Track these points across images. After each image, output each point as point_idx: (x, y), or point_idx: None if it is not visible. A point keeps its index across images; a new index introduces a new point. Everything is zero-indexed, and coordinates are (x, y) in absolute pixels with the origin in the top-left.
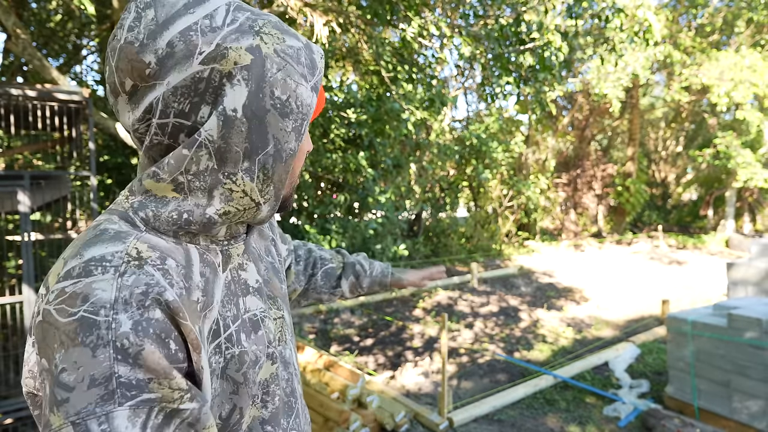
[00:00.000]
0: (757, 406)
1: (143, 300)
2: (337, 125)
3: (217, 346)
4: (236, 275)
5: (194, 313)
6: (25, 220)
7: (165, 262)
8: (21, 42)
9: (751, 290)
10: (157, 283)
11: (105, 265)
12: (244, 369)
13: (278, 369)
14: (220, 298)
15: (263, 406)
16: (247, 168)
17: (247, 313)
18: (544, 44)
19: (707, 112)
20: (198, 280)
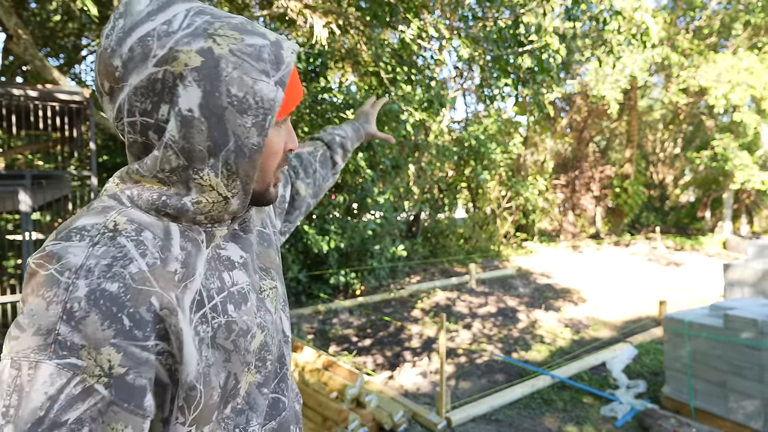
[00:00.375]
0: (752, 406)
1: (105, 271)
2: None
3: (202, 315)
4: (216, 253)
5: (170, 282)
6: (26, 219)
7: (141, 233)
8: (22, 42)
9: (747, 291)
10: (124, 255)
11: (83, 234)
12: (233, 337)
13: (267, 336)
14: (202, 272)
15: (257, 372)
16: (212, 164)
17: (234, 286)
18: (542, 46)
19: (705, 114)
20: (177, 252)
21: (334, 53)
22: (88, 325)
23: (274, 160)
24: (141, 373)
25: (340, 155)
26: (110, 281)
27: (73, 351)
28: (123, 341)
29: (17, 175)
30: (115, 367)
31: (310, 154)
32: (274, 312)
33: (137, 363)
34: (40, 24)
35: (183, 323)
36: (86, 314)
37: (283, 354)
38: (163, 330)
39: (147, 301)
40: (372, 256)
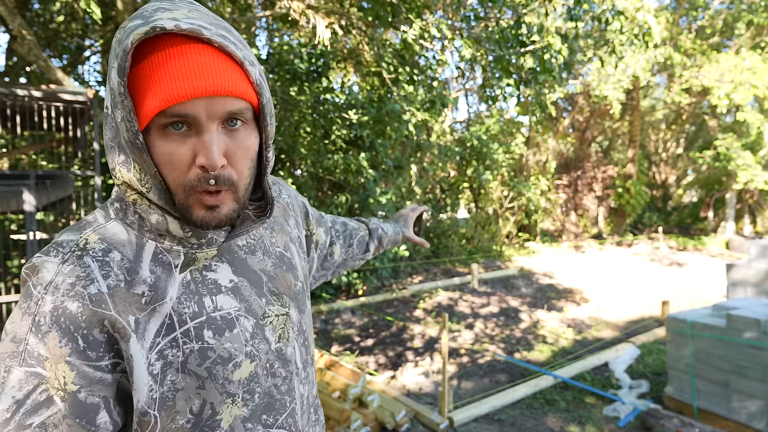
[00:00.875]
0: (755, 406)
1: (69, 290)
2: (338, 126)
3: (172, 340)
4: (199, 276)
5: (134, 304)
6: (30, 219)
7: (108, 254)
8: (26, 43)
9: (750, 291)
10: (87, 275)
11: (58, 250)
12: (208, 364)
13: (258, 367)
14: (175, 295)
15: (244, 405)
16: (123, 161)
17: (217, 311)
18: (544, 47)
19: (707, 114)
20: (146, 275)
21: (336, 53)
22: (50, 340)
23: (169, 171)
24: (93, 391)
25: (374, 246)
26: (71, 300)
27: (39, 361)
28: (76, 360)
29: (22, 175)
30: (69, 384)
31: (354, 230)
32: (276, 341)
33: (90, 382)
34: (43, 25)
35: (134, 349)
36: (49, 329)
37: (293, 387)
38: (120, 351)
39: (101, 323)
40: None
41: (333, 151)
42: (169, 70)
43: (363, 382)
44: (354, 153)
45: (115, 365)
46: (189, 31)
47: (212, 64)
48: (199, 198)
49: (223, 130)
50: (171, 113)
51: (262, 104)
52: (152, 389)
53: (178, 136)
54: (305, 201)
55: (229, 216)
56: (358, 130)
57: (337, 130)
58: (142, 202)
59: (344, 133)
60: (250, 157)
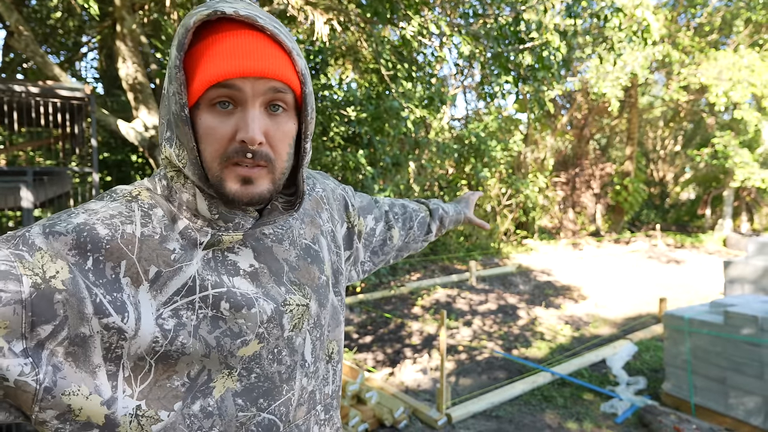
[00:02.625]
0: (752, 402)
1: (106, 219)
2: (336, 123)
3: (189, 302)
4: (219, 255)
5: (161, 257)
6: (27, 216)
7: (153, 209)
8: (23, 39)
9: (747, 288)
10: (128, 216)
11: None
12: (217, 334)
13: (264, 350)
14: (199, 263)
15: (239, 380)
16: (168, 137)
17: (237, 289)
18: (542, 44)
19: (705, 111)
20: (177, 236)
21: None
22: (59, 240)
23: (211, 144)
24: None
25: (436, 227)
26: (104, 226)
27: (29, 248)
28: (77, 270)
29: (19, 172)
30: (57, 280)
31: (414, 211)
32: (290, 330)
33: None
34: (40, 21)
35: (143, 296)
36: (65, 233)
37: (293, 378)
38: (119, 300)
39: (117, 262)
40: None
41: (331, 148)
42: (223, 49)
43: (361, 379)
44: (352, 150)
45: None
46: (246, 17)
47: (263, 49)
48: (234, 170)
49: (265, 113)
50: (219, 88)
51: (305, 93)
52: (157, 341)
53: (224, 113)
54: (346, 192)
55: (262, 194)
56: (356, 127)
57: (335, 127)
58: (177, 179)
59: (342, 130)
60: (288, 142)
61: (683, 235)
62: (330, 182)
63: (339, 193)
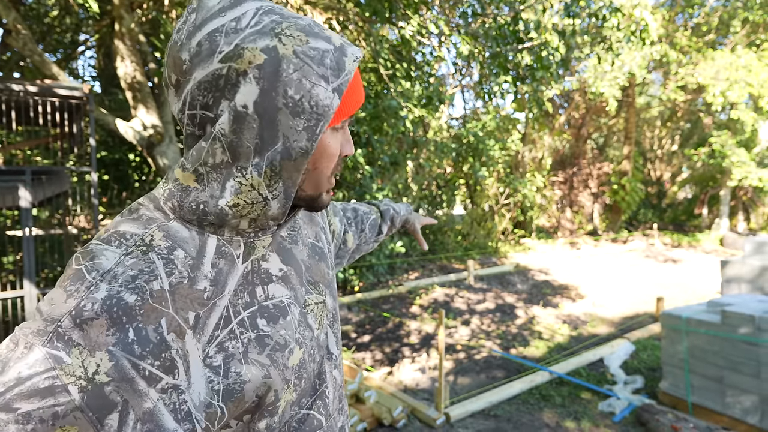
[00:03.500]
0: (749, 401)
1: (129, 282)
2: None
3: (230, 332)
4: (257, 266)
5: (195, 300)
6: (26, 215)
7: (173, 252)
8: (21, 37)
9: (744, 287)
10: (151, 271)
11: (121, 241)
12: (268, 351)
13: (305, 353)
14: (233, 288)
15: (294, 390)
16: (256, 163)
17: (270, 299)
18: (541, 43)
19: (703, 111)
20: (208, 270)
21: None
22: (93, 327)
23: (330, 163)
24: (120, 389)
25: (386, 227)
26: (130, 292)
27: (67, 346)
28: (120, 351)
29: (17, 171)
30: (100, 374)
31: (365, 214)
32: (317, 328)
33: (122, 378)
34: (37, 19)
35: (190, 345)
36: (96, 316)
37: (324, 371)
38: (168, 359)
39: (157, 321)
40: (371, 252)
41: None
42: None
43: (360, 378)
44: None
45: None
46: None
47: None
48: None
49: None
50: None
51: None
52: (212, 381)
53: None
54: None
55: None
56: (355, 126)
57: None
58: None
59: None
60: None
61: (680, 234)
62: None
63: None
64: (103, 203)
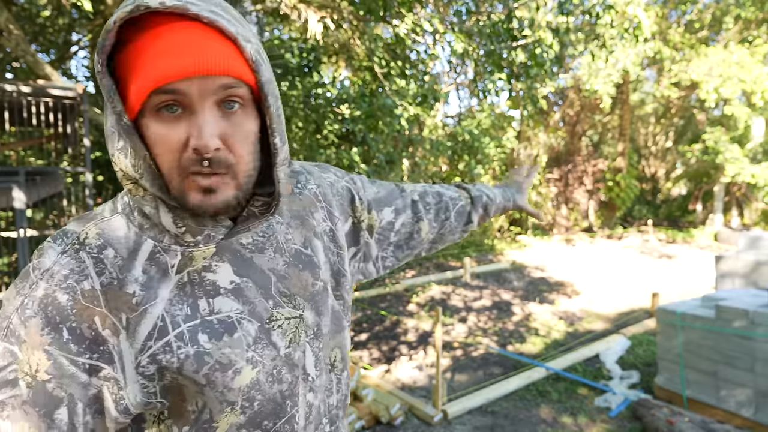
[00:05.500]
0: (743, 394)
1: (62, 281)
2: (330, 121)
3: (166, 344)
4: (196, 277)
5: (125, 303)
6: (20, 216)
7: (103, 251)
8: (14, 38)
9: (738, 282)
10: (81, 270)
11: (63, 239)
12: (206, 371)
13: (261, 374)
14: (166, 296)
15: (242, 413)
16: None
17: (215, 314)
18: (535, 41)
19: (696, 107)
20: (138, 274)
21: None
22: (32, 325)
23: (164, 155)
24: (62, 385)
25: (478, 215)
26: (63, 292)
27: (18, 341)
28: (56, 350)
29: (11, 172)
30: (41, 372)
31: (451, 200)
32: (286, 346)
33: (62, 374)
34: (29, 19)
35: (124, 345)
36: (34, 315)
37: (296, 393)
38: (107, 352)
39: (90, 319)
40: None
41: (325, 146)
42: (156, 50)
43: (357, 376)
44: (346, 148)
45: (93, 369)
46: (174, 7)
47: (201, 42)
48: (193, 181)
49: (219, 113)
50: (161, 94)
51: (260, 83)
52: (147, 387)
53: (172, 118)
54: (354, 184)
55: (227, 202)
56: (350, 124)
57: (329, 125)
58: (136, 192)
59: (336, 127)
60: (250, 141)
61: (675, 230)
62: (330, 175)
63: (342, 185)
64: (97, 204)
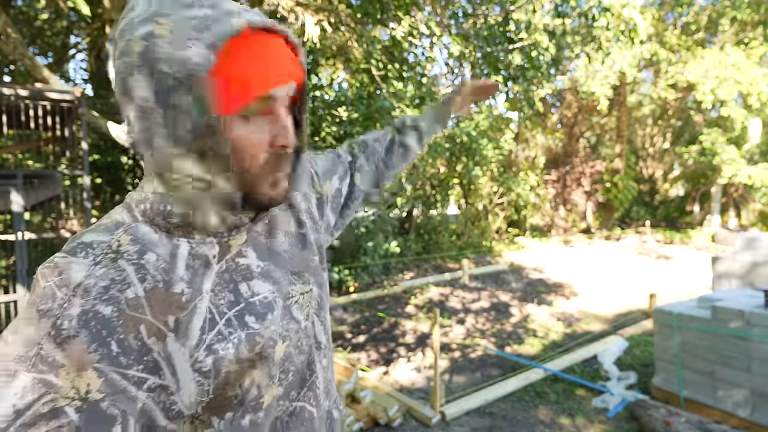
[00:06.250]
0: (740, 394)
1: (102, 293)
2: (328, 123)
3: (218, 333)
4: (233, 264)
5: (174, 304)
6: (18, 219)
7: (143, 256)
8: (11, 41)
9: (735, 283)
10: (123, 279)
11: (88, 251)
12: (258, 349)
13: (290, 347)
14: (209, 288)
15: (280, 384)
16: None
17: (255, 296)
18: (531, 44)
19: (693, 109)
20: (182, 272)
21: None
22: (75, 345)
23: (251, 157)
24: (116, 401)
25: (413, 137)
26: (105, 304)
27: (52, 368)
28: (107, 366)
29: (9, 175)
30: (93, 392)
31: (376, 140)
32: (304, 319)
33: (115, 390)
34: (27, 22)
35: (172, 347)
36: (75, 334)
37: (313, 361)
38: (152, 361)
39: (136, 329)
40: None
41: (323, 149)
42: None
43: (355, 378)
44: None
45: (140, 380)
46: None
47: (289, 54)
48: (267, 177)
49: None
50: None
51: (305, 84)
52: (203, 384)
53: (259, 120)
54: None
55: (286, 194)
56: (348, 127)
57: (326, 128)
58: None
59: (334, 130)
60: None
61: (672, 231)
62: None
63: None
64: (96, 207)
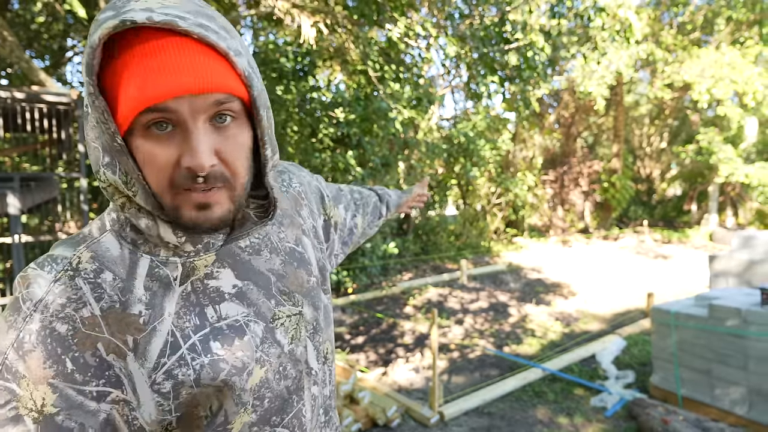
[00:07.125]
0: (737, 393)
1: (59, 311)
2: (325, 125)
3: (180, 358)
4: (200, 286)
5: (131, 325)
6: (15, 222)
7: (100, 275)
8: (8, 44)
9: (732, 281)
10: (79, 298)
11: (52, 266)
12: (223, 376)
13: (269, 372)
14: (173, 311)
15: (253, 411)
16: (107, 162)
17: (223, 320)
18: (527, 44)
19: (690, 108)
20: (140, 294)
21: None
22: (33, 359)
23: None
24: (71, 416)
25: (385, 211)
26: (61, 322)
27: (15, 378)
28: (61, 382)
29: (6, 178)
30: (47, 406)
31: (368, 197)
32: (289, 343)
33: (70, 405)
34: (24, 25)
35: (132, 367)
36: (33, 348)
37: (301, 387)
38: (114, 376)
39: (93, 347)
40: (363, 254)
41: (320, 150)
42: (146, 67)
43: (354, 379)
44: (341, 151)
45: (102, 394)
46: (163, 23)
47: (193, 58)
48: (188, 197)
49: (211, 128)
50: (151, 113)
51: (252, 96)
52: (162, 405)
53: (163, 137)
54: (320, 183)
55: (223, 217)
56: (345, 128)
57: (324, 129)
58: (130, 206)
59: (331, 131)
60: (245, 155)
61: (670, 230)
62: (305, 174)
63: (314, 185)
64: (93, 209)
